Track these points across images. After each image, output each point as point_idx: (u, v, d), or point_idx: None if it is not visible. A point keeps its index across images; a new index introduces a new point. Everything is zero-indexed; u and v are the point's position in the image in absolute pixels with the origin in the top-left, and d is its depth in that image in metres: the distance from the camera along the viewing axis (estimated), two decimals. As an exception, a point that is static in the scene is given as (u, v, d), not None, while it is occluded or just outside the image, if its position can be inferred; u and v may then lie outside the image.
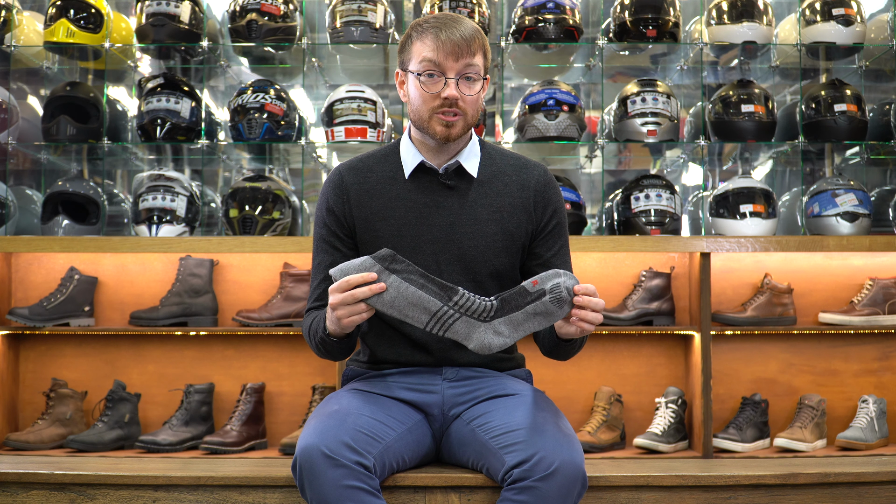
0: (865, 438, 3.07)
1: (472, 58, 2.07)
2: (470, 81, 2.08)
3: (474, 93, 2.10)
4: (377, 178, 2.19)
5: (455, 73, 2.07)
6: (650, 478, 2.32)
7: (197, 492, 2.30)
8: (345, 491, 1.89)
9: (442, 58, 2.06)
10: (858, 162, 3.76)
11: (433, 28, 2.07)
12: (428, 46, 2.07)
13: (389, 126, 3.56)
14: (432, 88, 2.08)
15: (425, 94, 2.09)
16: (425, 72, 2.07)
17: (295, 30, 3.46)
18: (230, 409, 3.23)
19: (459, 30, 2.06)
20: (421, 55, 2.08)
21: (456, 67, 2.07)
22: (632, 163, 4.14)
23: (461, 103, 2.08)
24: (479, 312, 1.93)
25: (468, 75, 2.08)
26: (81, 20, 3.42)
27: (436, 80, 2.07)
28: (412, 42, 2.11)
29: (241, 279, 3.32)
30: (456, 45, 2.05)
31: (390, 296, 1.90)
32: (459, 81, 2.08)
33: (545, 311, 1.92)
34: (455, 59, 2.06)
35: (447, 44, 2.05)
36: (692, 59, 3.66)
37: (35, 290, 3.30)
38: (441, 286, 1.92)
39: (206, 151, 3.61)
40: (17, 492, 2.33)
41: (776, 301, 3.20)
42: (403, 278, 1.91)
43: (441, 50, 2.06)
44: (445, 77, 2.07)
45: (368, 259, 1.90)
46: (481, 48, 2.10)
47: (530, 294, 1.92)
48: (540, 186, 2.21)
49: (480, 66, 2.10)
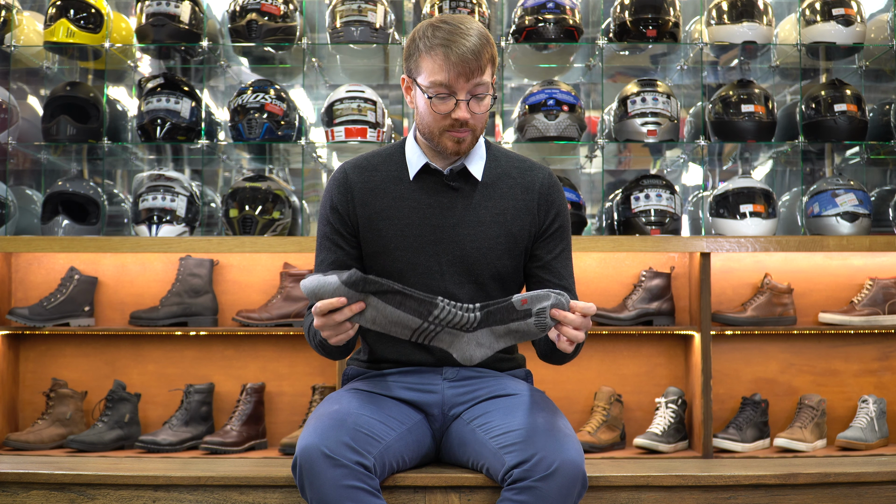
0: (865, 438, 3.07)
1: (482, 75, 2.04)
2: (480, 99, 2.06)
3: (484, 110, 2.08)
4: (382, 177, 2.18)
5: (465, 92, 2.04)
6: (650, 478, 2.32)
7: (197, 492, 2.30)
8: (345, 491, 1.89)
9: (452, 79, 2.02)
10: (858, 162, 3.76)
11: (442, 45, 2.02)
12: (438, 65, 2.02)
13: (389, 126, 3.56)
14: (443, 109, 2.05)
15: (436, 114, 2.06)
16: (436, 95, 2.04)
17: (295, 30, 3.46)
18: (230, 409, 3.23)
19: (468, 43, 2.01)
20: (431, 75, 2.03)
21: (467, 87, 2.03)
22: (632, 163, 4.14)
23: (471, 121, 2.07)
24: (462, 324, 1.90)
25: (478, 93, 2.06)
26: (81, 20, 3.42)
27: (446, 101, 2.05)
28: (420, 55, 2.05)
29: (241, 279, 3.32)
30: (466, 65, 2.01)
31: (370, 314, 1.87)
32: (470, 101, 2.06)
33: (526, 331, 1.90)
34: (466, 79, 2.02)
35: (458, 64, 2.01)
36: (692, 59, 3.66)
37: (35, 290, 3.30)
38: (419, 301, 1.87)
39: (206, 151, 3.61)
40: (17, 492, 2.33)
41: (776, 301, 3.20)
42: (380, 298, 1.86)
43: (451, 70, 2.01)
44: (456, 98, 2.04)
45: (341, 286, 1.83)
46: (490, 61, 2.06)
47: (517, 312, 1.89)
48: (544, 189, 2.20)
49: (489, 81, 2.07)
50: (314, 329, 2.06)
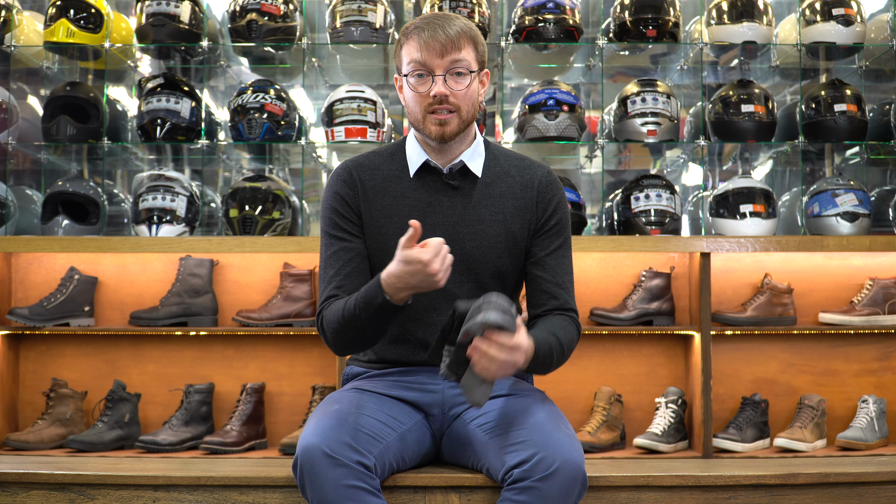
0: (865, 438, 3.07)
1: (459, 52, 2.07)
2: (459, 77, 2.08)
3: (463, 87, 2.09)
4: (383, 175, 2.19)
5: (442, 69, 2.07)
6: (650, 478, 2.32)
7: (197, 492, 2.30)
8: (346, 490, 1.89)
9: (426, 56, 2.06)
10: (858, 162, 3.76)
11: (417, 29, 2.08)
12: (414, 47, 2.08)
13: (389, 126, 3.56)
14: (421, 88, 2.08)
15: (416, 95, 2.09)
16: (414, 72, 2.08)
17: (295, 30, 3.46)
18: (230, 409, 3.23)
19: (445, 28, 2.07)
20: (409, 57, 2.09)
21: (442, 64, 2.07)
22: (632, 163, 4.14)
23: (452, 99, 2.08)
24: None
25: (456, 70, 2.08)
26: (81, 20, 3.42)
27: (424, 79, 2.08)
28: (402, 46, 2.12)
29: (241, 279, 3.32)
30: (440, 43, 2.05)
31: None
32: (447, 77, 2.07)
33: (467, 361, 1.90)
34: (440, 56, 2.06)
35: (431, 42, 2.06)
36: (692, 59, 3.66)
37: (35, 290, 3.30)
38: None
39: (206, 151, 3.61)
40: (17, 492, 2.33)
41: (776, 301, 3.20)
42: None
43: (425, 49, 2.06)
44: (433, 75, 2.07)
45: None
46: (470, 42, 2.09)
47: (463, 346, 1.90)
48: (542, 185, 2.20)
49: (470, 59, 2.09)
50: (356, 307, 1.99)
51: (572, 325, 2.14)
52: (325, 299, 2.11)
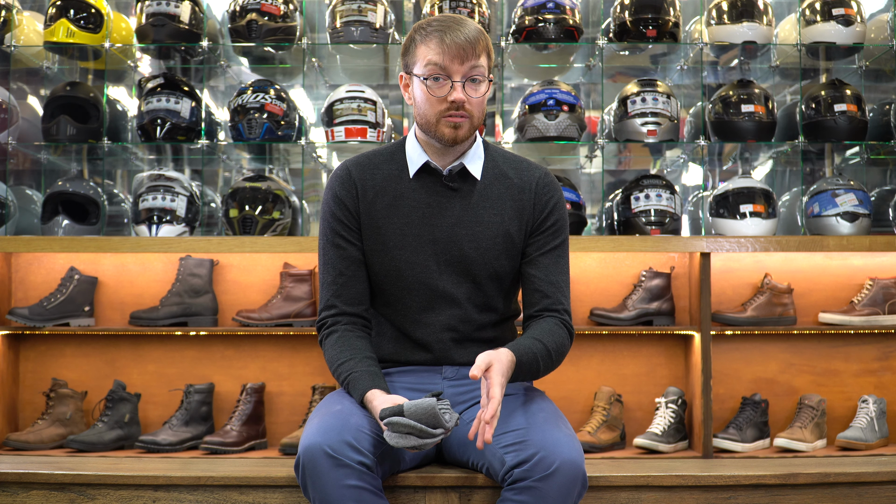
0: (865, 438, 3.07)
1: (478, 59, 2.07)
2: (476, 83, 2.08)
3: (480, 94, 2.09)
4: (383, 175, 2.19)
5: (461, 76, 2.07)
6: (650, 478, 2.32)
7: (197, 492, 2.30)
8: (348, 490, 1.89)
9: (447, 61, 2.05)
10: (858, 162, 3.76)
11: (437, 31, 2.06)
12: (433, 50, 2.06)
13: (389, 126, 3.56)
14: (438, 92, 2.07)
15: (432, 98, 2.08)
16: (431, 76, 2.07)
17: (295, 30, 3.46)
18: (230, 409, 3.23)
19: (464, 32, 2.06)
20: (426, 58, 2.07)
21: (462, 70, 2.06)
22: (632, 163, 4.14)
23: (468, 106, 2.08)
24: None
25: (474, 77, 2.08)
26: (81, 20, 3.42)
27: (442, 83, 2.07)
28: (416, 45, 2.10)
29: (241, 279, 3.32)
30: (461, 48, 2.05)
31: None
32: (466, 84, 2.07)
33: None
34: (461, 61, 2.06)
35: (452, 47, 2.05)
36: (692, 59, 3.66)
37: (35, 290, 3.30)
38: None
39: (206, 151, 3.61)
40: (17, 492, 2.33)
41: (776, 301, 3.20)
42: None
43: (446, 53, 2.05)
44: (451, 80, 2.06)
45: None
46: (485, 49, 2.10)
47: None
48: (539, 187, 2.21)
49: (485, 67, 2.10)
50: (344, 374, 2.08)
51: (562, 328, 2.14)
52: (325, 308, 2.17)
